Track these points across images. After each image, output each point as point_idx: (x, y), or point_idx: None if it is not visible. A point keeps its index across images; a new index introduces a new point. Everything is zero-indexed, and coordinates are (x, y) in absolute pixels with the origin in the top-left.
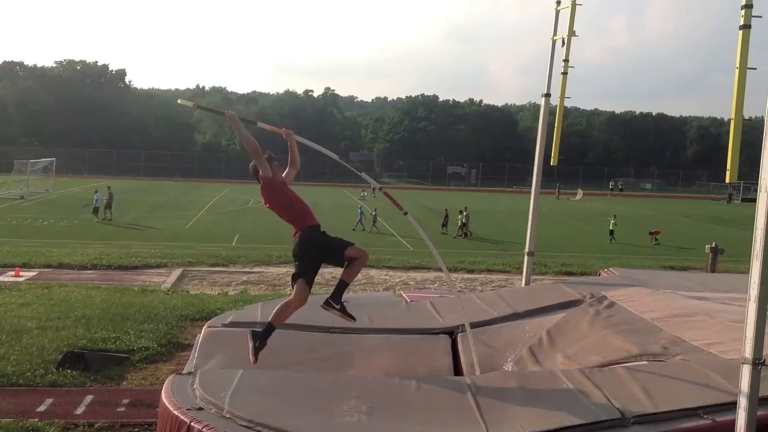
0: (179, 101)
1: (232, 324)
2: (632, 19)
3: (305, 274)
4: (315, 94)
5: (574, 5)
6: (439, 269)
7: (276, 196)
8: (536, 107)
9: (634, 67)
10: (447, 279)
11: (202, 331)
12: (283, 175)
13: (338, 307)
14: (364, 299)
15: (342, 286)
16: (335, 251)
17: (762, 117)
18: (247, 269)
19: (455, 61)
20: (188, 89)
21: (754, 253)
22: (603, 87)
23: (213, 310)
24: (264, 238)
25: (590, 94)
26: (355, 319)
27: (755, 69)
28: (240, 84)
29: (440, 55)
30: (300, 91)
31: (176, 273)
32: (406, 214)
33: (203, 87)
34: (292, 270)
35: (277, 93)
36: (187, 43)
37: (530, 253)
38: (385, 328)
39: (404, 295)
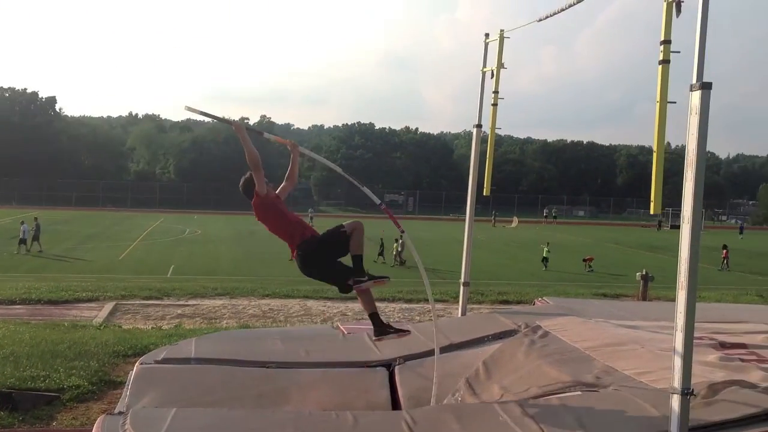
0: (185, 107)
1: (165, 360)
2: (561, 50)
3: (337, 275)
4: (251, 122)
5: (502, 38)
6: (378, 299)
7: (270, 213)
8: (471, 135)
9: (564, 96)
10: (431, 308)
11: (135, 368)
12: (278, 190)
13: (366, 278)
14: (301, 332)
15: (357, 260)
16: (335, 246)
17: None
18: (181, 302)
19: (391, 89)
20: (121, 116)
21: (679, 283)
22: (535, 115)
23: (146, 345)
24: (200, 269)
25: (523, 123)
26: (388, 277)
27: (675, 102)
28: (174, 112)
29: (376, 83)
30: (236, 118)
31: (108, 307)
32: (403, 232)
33: (136, 114)
34: (228, 302)
35: (213, 121)
36: (119, 70)
37: (466, 284)
38: (321, 361)
39: (341, 327)
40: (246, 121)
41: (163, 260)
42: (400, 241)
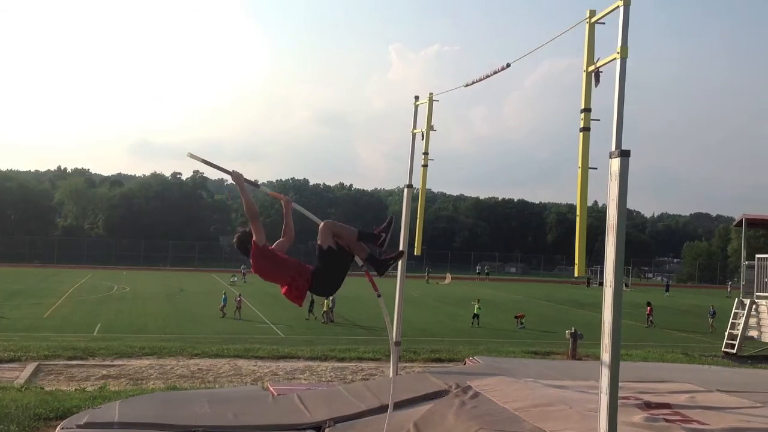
0: (188, 154)
1: (87, 425)
2: (492, 110)
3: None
4: (183, 177)
5: (431, 101)
6: (310, 358)
7: (268, 262)
8: (404, 192)
9: (495, 154)
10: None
11: None
12: (273, 246)
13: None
14: (230, 394)
15: (364, 236)
16: (336, 258)
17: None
18: (107, 362)
19: (325, 145)
20: (49, 170)
21: (603, 345)
22: (468, 173)
23: (69, 408)
24: (127, 328)
25: (456, 180)
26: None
27: (596, 169)
28: (103, 166)
29: (311, 140)
30: (167, 173)
31: (31, 367)
32: (379, 296)
33: (65, 168)
34: (156, 361)
35: (144, 175)
36: (46, 123)
37: (397, 343)
38: (250, 425)
39: (271, 388)
40: (178, 176)
41: (89, 318)
42: (331, 298)
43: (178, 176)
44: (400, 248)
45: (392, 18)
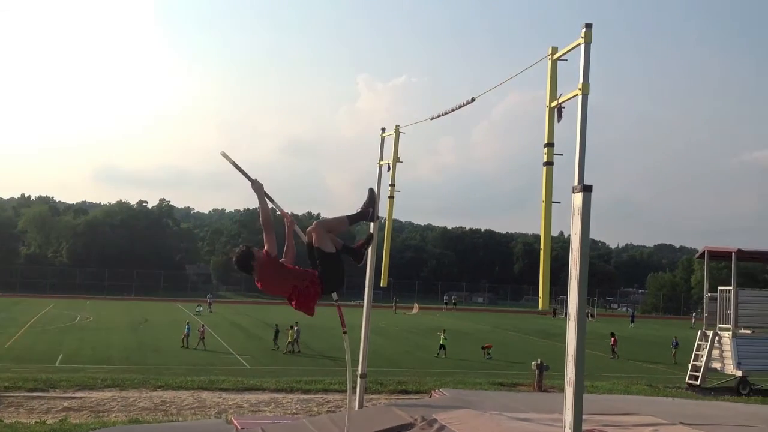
0: (221, 153)
1: None
2: (459, 140)
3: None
4: (149, 205)
5: (397, 133)
6: (275, 389)
7: (278, 272)
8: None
9: (463, 184)
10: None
11: None
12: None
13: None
14: (193, 428)
15: (354, 219)
16: (332, 260)
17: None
18: (68, 394)
19: (293, 174)
20: (12, 198)
21: (567, 379)
22: (435, 203)
23: None
24: (90, 359)
25: (424, 210)
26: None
27: (559, 203)
28: (68, 194)
29: (278, 169)
30: (133, 201)
31: None
32: (345, 333)
33: (29, 196)
34: (118, 393)
35: (109, 203)
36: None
37: (363, 375)
38: None
39: (235, 422)
40: (144, 204)
41: (51, 348)
42: (296, 328)
43: (143, 204)
44: (367, 280)
45: (360, 48)
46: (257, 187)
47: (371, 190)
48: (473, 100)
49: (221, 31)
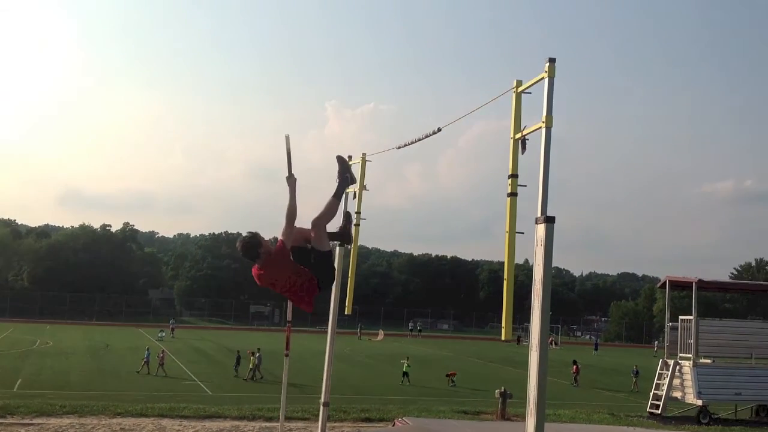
0: (286, 136)
1: None
2: (426, 167)
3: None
4: (113, 229)
5: (364, 162)
6: (237, 417)
7: (285, 262)
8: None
9: (429, 211)
10: None
11: None
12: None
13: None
14: None
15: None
16: (324, 261)
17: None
18: (26, 420)
19: (259, 199)
20: None
21: (528, 410)
22: (402, 229)
23: None
24: (49, 384)
25: (391, 236)
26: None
27: (523, 233)
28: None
29: (245, 194)
30: (96, 225)
31: None
32: (287, 356)
33: None
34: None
35: (72, 227)
36: None
37: (326, 404)
38: None
39: None
40: (107, 227)
41: (9, 374)
42: (258, 355)
43: (107, 228)
44: (331, 307)
45: (329, 75)
46: (292, 181)
47: (339, 157)
48: (439, 130)
49: (185, 58)
